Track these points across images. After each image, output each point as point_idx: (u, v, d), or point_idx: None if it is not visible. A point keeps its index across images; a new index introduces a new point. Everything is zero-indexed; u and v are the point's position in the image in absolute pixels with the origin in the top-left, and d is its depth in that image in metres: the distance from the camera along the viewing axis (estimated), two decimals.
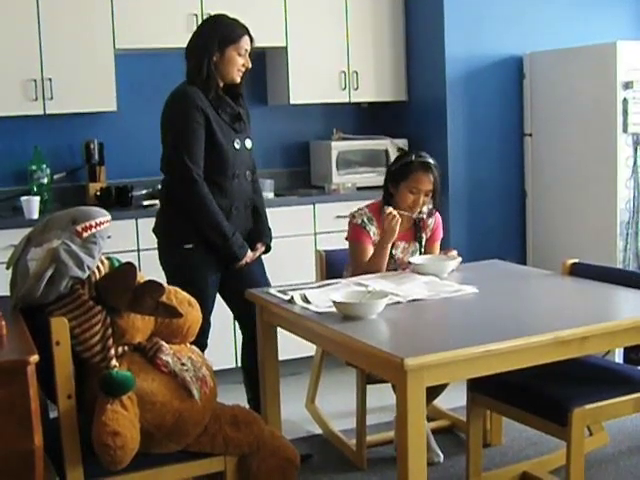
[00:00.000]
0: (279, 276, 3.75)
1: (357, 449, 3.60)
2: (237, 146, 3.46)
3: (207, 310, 3.40)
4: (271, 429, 2.90)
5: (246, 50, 3.46)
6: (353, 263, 3.60)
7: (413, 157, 3.58)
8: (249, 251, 3.49)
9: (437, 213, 3.75)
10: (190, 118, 3.33)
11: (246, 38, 3.46)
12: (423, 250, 3.69)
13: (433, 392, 3.48)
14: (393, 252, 3.59)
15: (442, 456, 3.55)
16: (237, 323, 3.70)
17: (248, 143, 3.55)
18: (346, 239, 3.65)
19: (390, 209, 3.47)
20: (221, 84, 3.45)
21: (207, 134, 3.36)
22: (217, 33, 3.41)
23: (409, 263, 3.53)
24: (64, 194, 4.82)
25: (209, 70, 3.39)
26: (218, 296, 3.59)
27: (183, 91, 3.40)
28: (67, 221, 2.60)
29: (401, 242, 3.62)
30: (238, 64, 3.44)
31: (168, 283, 3.10)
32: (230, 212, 3.46)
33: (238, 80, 3.48)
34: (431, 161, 3.56)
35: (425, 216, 3.67)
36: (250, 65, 3.50)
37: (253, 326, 3.38)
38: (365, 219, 3.59)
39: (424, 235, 3.69)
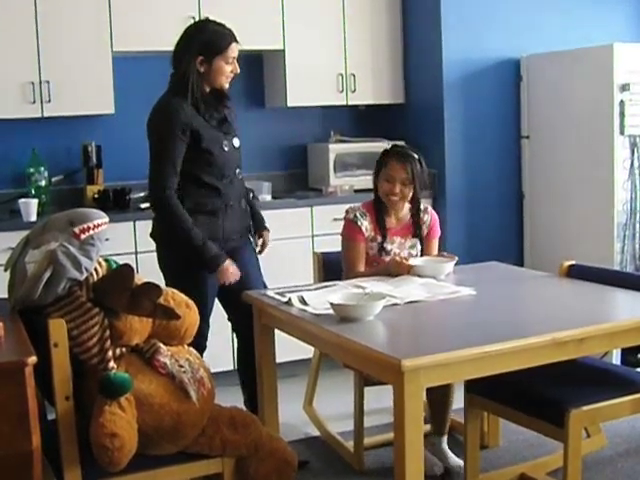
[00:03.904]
0: (277, 278, 3.75)
1: (355, 451, 3.60)
2: (226, 148, 3.47)
3: (206, 313, 3.41)
4: (269, 431, 2.90)
5: (234, 58, 3.45)
6: (344, 260, 3.63)
7: (390, 147, 3.66)
8: (229, 265, 3.39)
9: (432, 210, 3.77)
10: (171, 133, 3.32)
11: (233, 46, 3.43)
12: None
13: (442, 401, 3.48)
14: (389, 247, 3.61)
15: (442, 465, 3.49)
16: (231, 325, 3.70)
17: (236, 142, 3.56)
18: (340, 234, 3.67)
19: (407, 261, 3.49)
20: (207, 89, 3.44)
21: (196, 143, 3.36)
22: (201, 43, 3.38)
23: (402, 258, 3.54)
24: (62, 196, 4.82)
25: (194, 80, 3.37)
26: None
27: (167, 104, 3.39)
28: (65, 223, 2.61)
29: (397, 237, 3.64)
30: (226, 72, 3.44)
31: (167, 286, 3.10)
32: (225, 211, 3.48)
33: (227, 87, 3.48)
34: (408, 152, 3.60)
35: (422, 212, 3.69)
36: (239, 70, 3.49)
37: (248, 328, 3.39)
38: (358, 214, 3.61)
39: (421, 232, 3.70)
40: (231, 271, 3.41)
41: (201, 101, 3.40)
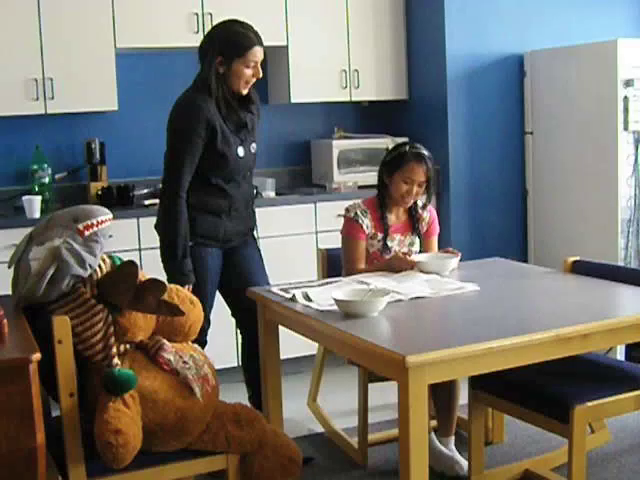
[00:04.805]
0: (281, 274, 3.75)
1: (359, 447, 3.60)
2: (241, 154, 3.43)
3: (206, 308, 3.41)
4: (273, 427, 2.90)
5: (256, 62, 3.34)
6: (345, 258, 3.61)
7: (407, 148, 3.60)
8: (189, 289, 3.32)
9: (431, 207, 3.76)
10: (193, 131, 3.28)
11: (255, 50, 3.33)
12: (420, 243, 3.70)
13: (448, 401, 3.47)
14: (389, 244, 3.60)
15: (463, 465, 3.38)
16: (235, 321, 3.70)
17: (253, 147, 3.53)
18: (340, 232, 3.66)
19: (410, 257, 3.49)
20: (231, 91, 3.38)
21: (211, 143, 3.33)
22: (222, 43, 3.32)
23: (404, 254, 3.54)
24: (65, 193, 4.82)
25: (213, 81, 3.32)
26: (218, 295, 3.59)
27: (192, 99, 3.33)
28: (69, 220, 2.61)
29: (397, 234, 3.63)
30: (245, 76, 3.35)
31: (169, 280, 3.10)
32: (229, 213, 3.47)
33: (244, 92, 3.39)
34: (425, 152, 3.58)
35: (420, 209, 3.68)
36: (261, 75, 3.40)
37: (252, 324, 3.39)
38: (358, 212, 3.59)
39: (420, 229, 3.69)
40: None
41: (222, 103, 3.35)
